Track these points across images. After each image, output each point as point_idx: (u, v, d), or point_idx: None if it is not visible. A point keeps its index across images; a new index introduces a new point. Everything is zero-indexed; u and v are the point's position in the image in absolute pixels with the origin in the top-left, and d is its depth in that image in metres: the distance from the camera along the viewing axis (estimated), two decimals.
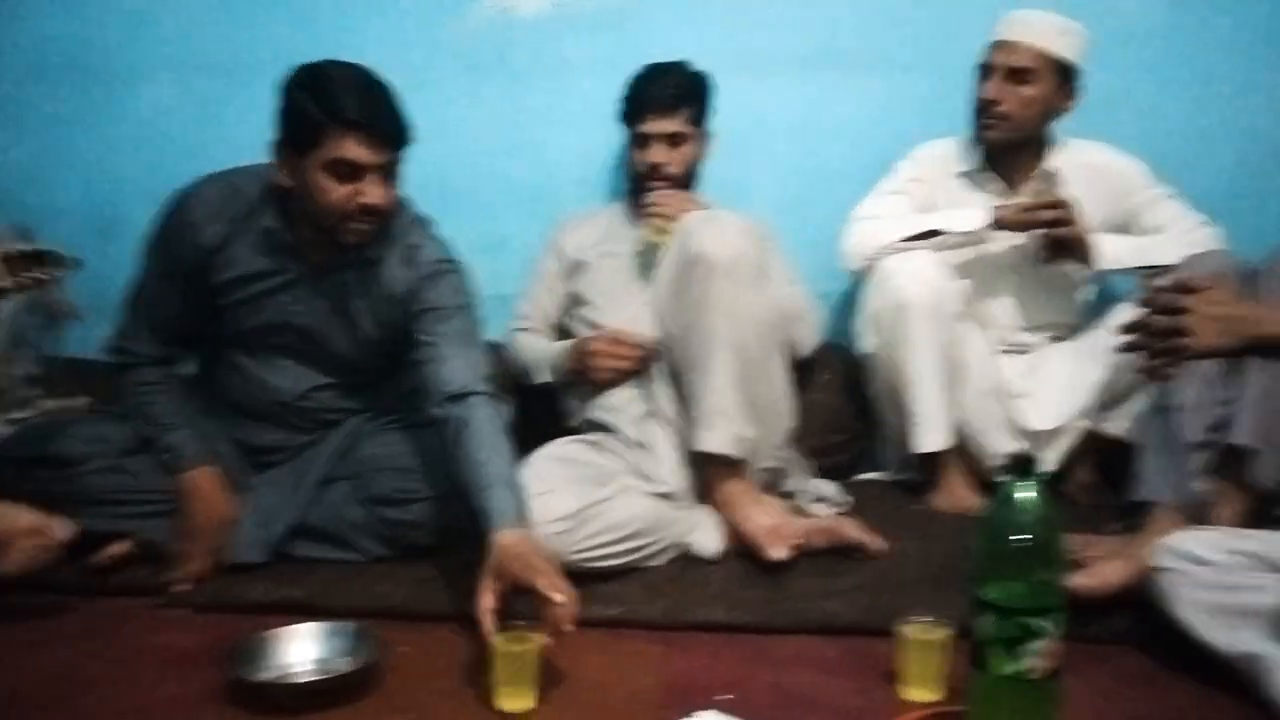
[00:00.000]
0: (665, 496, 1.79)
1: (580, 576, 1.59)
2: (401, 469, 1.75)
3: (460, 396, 1.61)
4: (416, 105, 1.67)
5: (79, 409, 2.19)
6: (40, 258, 1.58)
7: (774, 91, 2.41)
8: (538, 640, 1.31)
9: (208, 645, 1.47)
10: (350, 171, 1.61)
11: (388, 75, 1.65)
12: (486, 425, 1.58)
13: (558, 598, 1.34)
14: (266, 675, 1.34)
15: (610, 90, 2.15)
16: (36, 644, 1.50)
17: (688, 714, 1.25)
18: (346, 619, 1.47)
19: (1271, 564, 1.37)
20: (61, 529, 1.54)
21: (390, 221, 1.71)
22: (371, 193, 1.63)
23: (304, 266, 1.74)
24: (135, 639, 1.53)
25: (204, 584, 1.66)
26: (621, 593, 1.61)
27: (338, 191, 1.62)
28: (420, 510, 1.73)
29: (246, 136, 1.69)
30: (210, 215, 1.71)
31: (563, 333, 2.16)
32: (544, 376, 2.08)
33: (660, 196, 2.03)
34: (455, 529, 1.73)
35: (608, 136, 2.30)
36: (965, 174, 2.18)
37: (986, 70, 2.10)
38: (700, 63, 2.15)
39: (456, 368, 1.65)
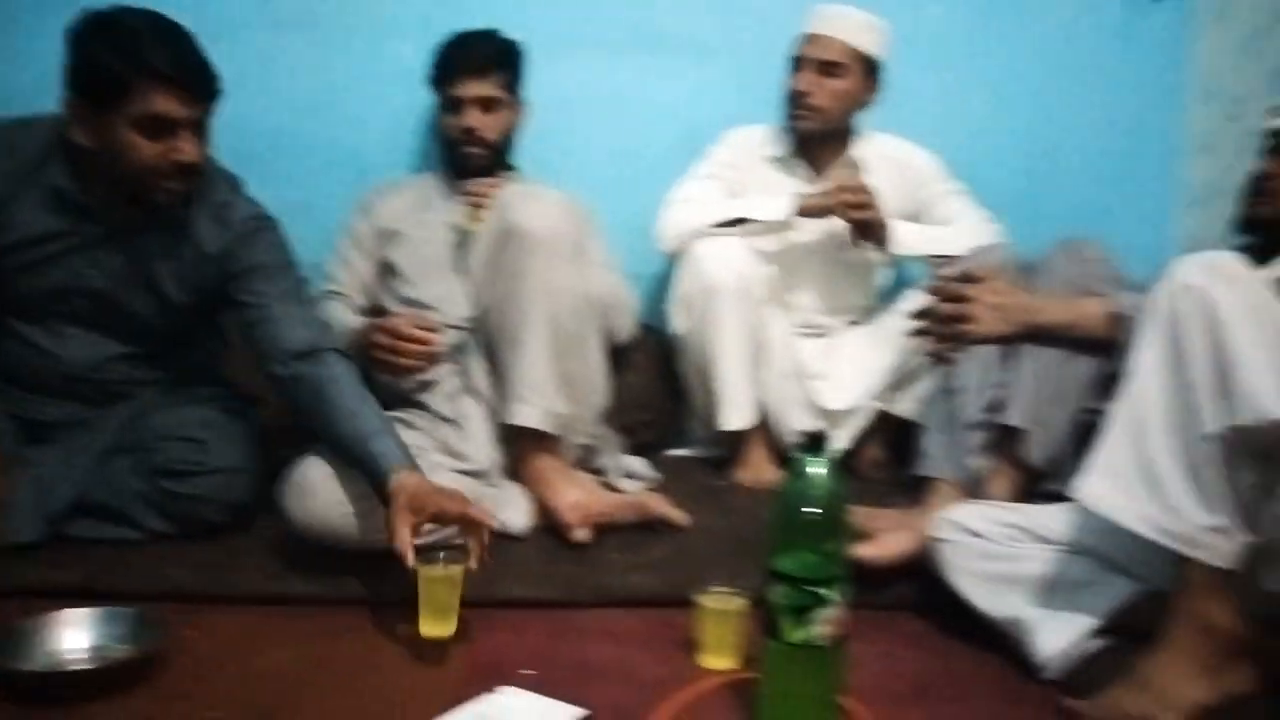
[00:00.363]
0: (475, 474, 1.77)
1: (381, 556, 1.56)
2: (189, 440, 1.65)
3: (309, 354, 1.58)
4: (216, 59, 1.57)
5: None
6: None
7: (589, 71, 2.40)
8: (461, 568, 1.39)
9: None
10: (162, 127, 1.51)
11: (184, 24, 1.55)
12: (348, 377, 1.57)
13: (494, 522, 1.45)
14: (35, 664, 1.25)
15: (422, 55, 2.10)
16: None
17: (489, 691, 1.24)
18: (127, 603, 1.38)
19: (1036, 535, 1.48)
20: None
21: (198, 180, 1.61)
22: (186, 149, 1.54)
23: (99, 228, 1.62)
24: None
25: None
26: None
27: (149, 149, 1.52)
28: (208, 484, 1.64)
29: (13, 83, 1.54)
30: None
31: (374, 307, 2.09)
32: None
33: (478, 185, 2.00)
34: (244, 506, 1.67)
35: (419, 102, 2.25)
36: (775, 159, 2.24)
37: (798, 63, 2.17)
38: (517, 38, 2.12)
39: (296, 325, 1.61)
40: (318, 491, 1.54)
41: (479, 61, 2.05)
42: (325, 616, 1.48)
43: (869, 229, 2.09)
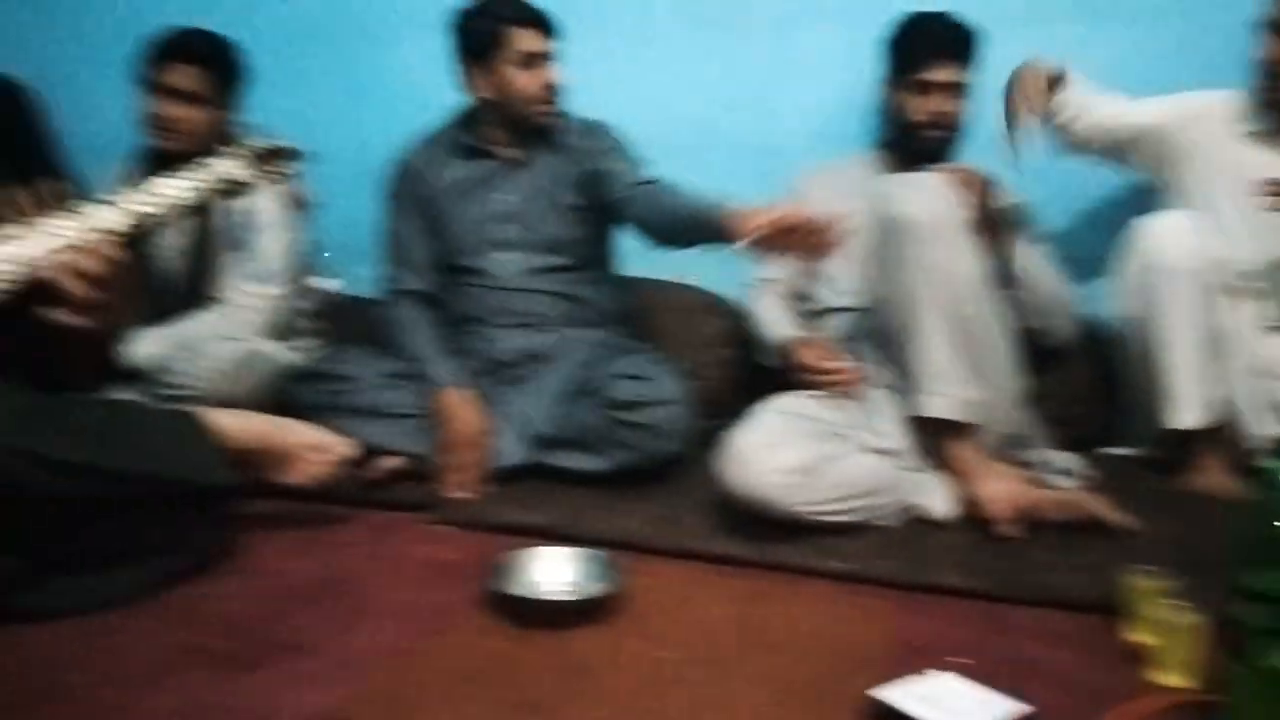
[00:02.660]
0: (891, 453, 1.78)
1: (810, 528, 1.63)
2: (637, 378, 1.87)
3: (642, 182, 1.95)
4: (634, 59, 1.69)
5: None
6: (278, 152, 1.60)
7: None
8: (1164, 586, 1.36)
9: (465, 559, 1.60)
10: (531, 60, 1.97)
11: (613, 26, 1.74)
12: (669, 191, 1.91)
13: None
14: (525, 591, 1.44)
15: (836, 42, 2.13)
16: (307, 549, 1.65)
17: (919, 672, 1.24)
18: (587, 545, 1.56)
19: None
20: (344, 445, 1.70)
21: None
22: (552, 75, 2.00)
23: (496, 164, 2.06)
24: (401, 549, 1.68)
25: (470, 493, 1.84)
26: (851, 548, 1.62)
27: (527, 79, 1.98)
28: (654, 414, 1.85)
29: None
30: (423, 158, 2.10)
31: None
32: (765, 358, 2.08)
33: (961, 170, 1.91)
34: (682, 440, 1.88)
35: (836, 89, 2.29)
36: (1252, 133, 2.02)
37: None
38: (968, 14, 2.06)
39: (624, 169, 2.00)
40: (751, 462, 1.64)
41: (958, 46, 2.04)
42: (755, 579, 1.57)
43: None
